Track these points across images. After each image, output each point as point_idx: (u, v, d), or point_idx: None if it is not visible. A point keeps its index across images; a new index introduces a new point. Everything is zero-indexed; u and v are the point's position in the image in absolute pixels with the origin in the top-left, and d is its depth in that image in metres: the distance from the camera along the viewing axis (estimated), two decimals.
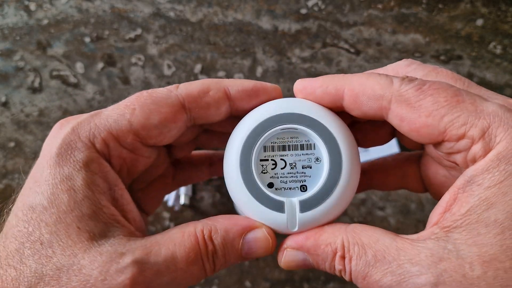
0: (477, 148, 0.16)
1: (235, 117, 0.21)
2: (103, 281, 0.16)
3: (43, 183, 0.17)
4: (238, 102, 0.20)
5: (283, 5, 0.49)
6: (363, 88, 0.18)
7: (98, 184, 0.17)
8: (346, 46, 0.49)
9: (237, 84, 0.20)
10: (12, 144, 0.51)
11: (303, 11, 0.49)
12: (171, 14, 0.50)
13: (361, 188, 0.23)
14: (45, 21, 0.51)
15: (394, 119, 0.17)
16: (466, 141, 0.16)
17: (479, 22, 0.48)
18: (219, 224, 0.18)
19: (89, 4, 0.51)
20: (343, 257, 0.17)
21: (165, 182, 0.25)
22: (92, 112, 0.19)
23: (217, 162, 0.25)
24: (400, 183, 0.24)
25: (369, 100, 0.18)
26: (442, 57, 0.48)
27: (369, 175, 0.24)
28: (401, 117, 0.17)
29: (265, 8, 0.50)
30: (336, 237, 0.17)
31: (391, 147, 0.45)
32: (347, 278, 0.17)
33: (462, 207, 0.16)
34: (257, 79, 0.49)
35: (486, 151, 0.16)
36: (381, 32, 0.49)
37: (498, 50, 0.48)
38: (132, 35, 0.50)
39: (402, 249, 0.16)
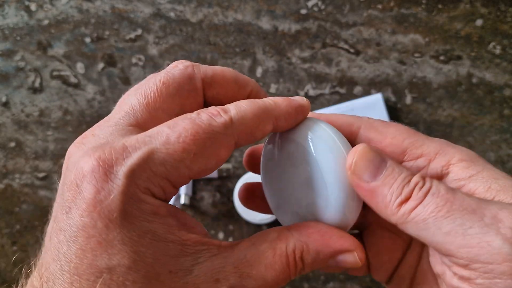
0: (436, 164, 0.19)
1: None
2: None
3: (117, 243, 0.15)
4: (280, 127, 0.19)
5: (283, 5, 0.50)
6: (339, 118, 0.21)
7: (172, 225, 0.17)
8: (346, 46, 0.49)
9: (283, 112, 0.19)
10: (12, 144, 0.51)
11: (303, 11, 0.49)
12: (172, 14, 0.50)
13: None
14: (46, 22, 0.51)
15: (361, 141, 0.20)
16: (424, 158, 0.19)
17: (479, 22, 0.48)
18: (311, 244, 0.18)
19: (89, 5, 0.51)
20: (423, 177, 0.17)
21: None
22: (141, 152, 0.16)
23: None
24: None
25: (342, 126, 0.20)
26: (442, 57, 0.48)
27: None
28: (369, 139, 0.20)
29: (265, 8, 0.50)
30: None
31: (377, 102, 0.45)
32: (422, 191, 0.17)
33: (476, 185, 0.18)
34: (257, 79, 0.50)
35: (447, 164, 0.18)
36: (381, 32, 0.49)
37: (498, 50, 0.48)
38: (132, 35, 0.51)
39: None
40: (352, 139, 0.20)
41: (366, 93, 0.49)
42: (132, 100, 0.18)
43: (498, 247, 0.15)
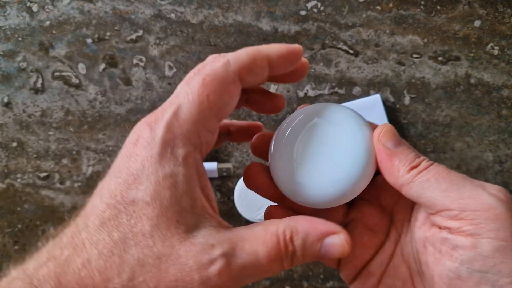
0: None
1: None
2: (197, 270, 0.17)
3: (145, 180, 0.18)
4: (276, 67, 0.22)
5: (283, 7, 0.50)
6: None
7: (194, 178, 0.19)
8: (345, 47, 0.50)
9: (274, 51, 0.22)
10: (14, 144, 0.52)
11: (303, 12, 0.50)
12: (172, 15, 0.51)
13: None
14: (47, 23, 0.52)
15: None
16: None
17: (477, 23, 0.49)
18: (300, 227, 0.19)
19: (90, 6, 0.51)
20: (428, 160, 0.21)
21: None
22: (170, 108, 0.20)
23: (234, 132, 0.28)
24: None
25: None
26: (440, 58, 0.49)
27: None
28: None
29: (265, 10, 0.50)
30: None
31: (375, 102, 0.46)
32: (429, 162, 0.21)
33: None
34: None
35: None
36: (380, 33, 0.49)
37: (496, 51, 0.48)
38: (133, 36, 0.51)
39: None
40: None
41: (365, 93, 0.49)
42: (178, 87, 0.22)
43: (484, 198, 0.19)
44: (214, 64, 0.21)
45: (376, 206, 0.26)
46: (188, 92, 0.20)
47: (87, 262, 0.17)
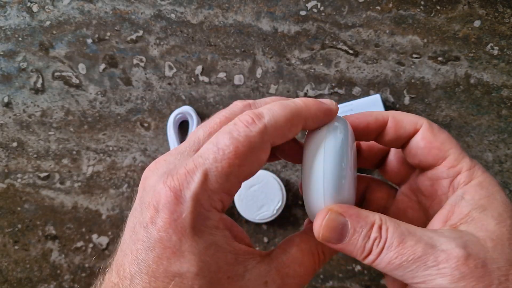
0: (462, 177, 0.22)
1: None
2: None
3: (187, 253, 0.18)
4: (309, 127, 0.22)
5: (283, 7, 0.50)
6: (403, 117, 0.24)
7: (228, 236, 0.20)
8: (345, 48, 0.50)
9: (312, 115, 0.22)
10: (14, 144, 0.52)
11: (302, 13, 0.50)
12: (172, 15, 0.51)
13: None
14: (48, 23, 0.52)
15: (416, 137, 0.24)
16: (454, 170, 0.23)
17: (477, 23, 0.49)
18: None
19: (91, 6, 0.51)
20: (380, 227, 0.20)
21: None
22: (194, 175, 0.19)
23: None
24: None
25: (407, 123, 0.24)
26: (440, 58, 0.49)
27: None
28: (424, 136, 0.23)
29: (265, 10, 0.50)
30: (374, 214, 0.21)
31: (375, 102, 0.46)
32: (379, 246, 0.20)
33: (462, 212, 0.21)
34: (257, 80, 0.50)
35: (469, 180, 0.22)
36: (380, 33, 0.49)
37: (496, 51, 0.48)
38: (133, 36, 0.51)
39: (427, 230, 0.20)
40: (413, 135, 0.24)
41: (365, 93, 0.49)
42: (199, 132, 0.22)
43: (439, 283, 0.19)
44: (250, 130, 0.19)
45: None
46: (217, 159, 0.19)
47: None
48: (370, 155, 0.28)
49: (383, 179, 0.29)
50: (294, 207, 0.50)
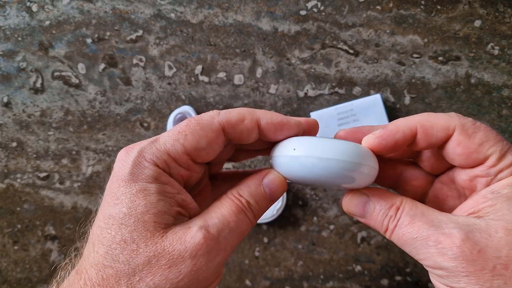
0: (503, 175, 0.22)
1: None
2: (185, 250, 0.20)
3: (121, 196, 0.21)
4: (266, 132, 0.24)
5: (283, 6, 0.50)
6: (432, 123, 0.23)
7: (168, 191, 0.22)
8: (345, 47, 0.50)
9: (267, 117, 0.24)
10: (14, 144, 0.52)
11: (303, 12, 0.50)
12: (172, 15, 0.51)
13: None
14: (47, 22, 0.51)
15: (451, 143, 0.23)
16: (495, 169, 0.22)
17: (477, 23, 0.49)
18: (241, 184, 0.24)
19: (90, 6, 0.51)
20: (398, 208, 0.23)
21: (205, 196, 0.29)
22: (152, 138, 0.23)
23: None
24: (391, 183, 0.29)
25: (438, 131, 0.23)
26: (440, 58, 0.49)
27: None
28: (459, 142, 0.23)
29: (265, 9, 0.50)
30: (397, 197, 0.23)
31: (375, 102, 0.46)
32: (393, 223, 0.23)
33: (486, 203, 0.22)
34: (257, 79, 0.50)
35: (509, 176, 0.22)
36: (380, 33, 0.49)
37: (496, 51, 0.48)
38: (133, 36, 0.51)
39: (443, 214, 0.22)
40: (446, 140, 0.24)
41: (365, 93, 0.49)
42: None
43: (436, 261, 0.21)
44: (206, 113, 0.23)
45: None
46: (172, 129, 0.23)
47: (88, 280, 0.20)
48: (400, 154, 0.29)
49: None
50: (294, 207, 0.50)
